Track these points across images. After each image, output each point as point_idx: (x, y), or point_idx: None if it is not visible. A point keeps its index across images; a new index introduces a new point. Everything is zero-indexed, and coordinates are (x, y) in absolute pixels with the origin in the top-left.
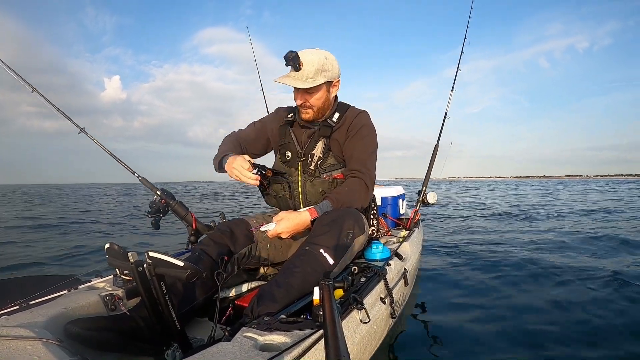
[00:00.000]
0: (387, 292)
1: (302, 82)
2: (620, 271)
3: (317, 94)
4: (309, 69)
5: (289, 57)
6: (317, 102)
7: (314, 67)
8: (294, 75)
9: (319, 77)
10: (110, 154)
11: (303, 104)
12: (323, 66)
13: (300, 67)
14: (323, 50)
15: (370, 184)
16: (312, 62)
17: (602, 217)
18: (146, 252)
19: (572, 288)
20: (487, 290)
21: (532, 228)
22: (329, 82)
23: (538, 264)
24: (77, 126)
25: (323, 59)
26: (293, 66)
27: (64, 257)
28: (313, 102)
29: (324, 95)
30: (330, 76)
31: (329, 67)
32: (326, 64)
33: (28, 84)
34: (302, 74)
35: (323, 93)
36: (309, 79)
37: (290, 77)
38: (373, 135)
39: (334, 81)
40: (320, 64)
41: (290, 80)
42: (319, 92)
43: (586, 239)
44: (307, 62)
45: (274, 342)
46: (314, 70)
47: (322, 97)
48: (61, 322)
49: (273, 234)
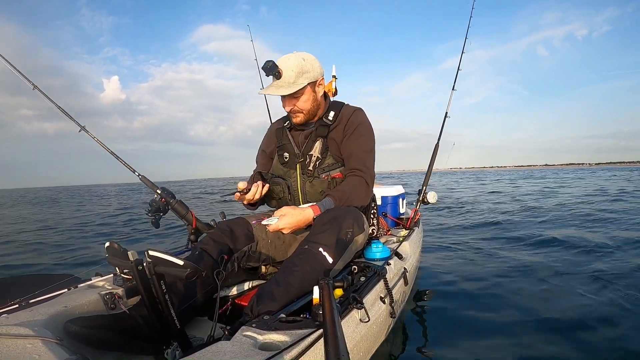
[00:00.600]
0: (386, 291)
1: (285, 88)
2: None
3: (303, 97)
4: (289, 75)
5: (267, 67)
6: (305, 104)
7: (294, 72)
8: (277, 84)
9: (300, 80)
10: (110, 152)
11: (292, 109)
12: (302, 68)
13: (281, 74)
14: (301, 53)
15: (371, 182)
16: (290, 67)
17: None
18: (146, 251)
19: (585, 290)
20: (487, 290)
21: (546, 225)
22: (312, 83)
23: (545, 264)
24: (78, 124)
25: (301, 61)
26: (274, 75)
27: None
28: (301, 106)
29: (310, 96)
30: (313, 76)
31: (309, 67)
32: (305, 65)
33: (29, 81)
34: (284, 80)
35: (309, 95)
36: (291, 84)
37: (273, 86)
38: (370, 133)
39: (318, 80)
40: (299, 67)
41: (273, 89)
42: (304, 94)
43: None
44: (286, 68)
45: (274, 341)
46: (294, 74)
47: (309, 98)
48: (61, 320)
49: (274, 228)
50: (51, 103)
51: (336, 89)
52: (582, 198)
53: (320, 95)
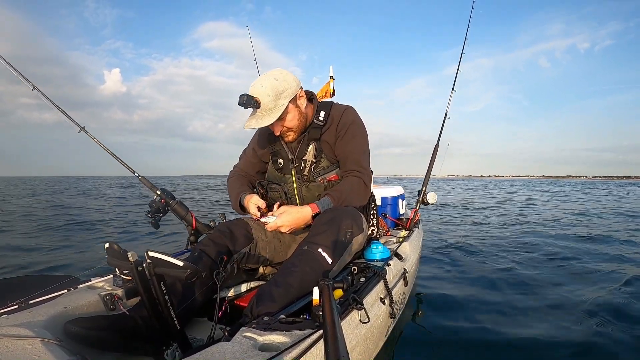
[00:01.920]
0: (386, 292)
1: (267, 117)
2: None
3: (289, 116)
4: (267, 101)
5: (244, 102)
6: (292, 122)
7: (271, 96)
8: (259, 113)
9: (280, 101)
10: (110, 153)
11: (282, 131)
12: (277, 89)
13: (259, 103)
14: (272, 72)
15: (369, 182)
16: (266, 92)
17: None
18: (146, 252)
19: (582, 289)
20: (488, 290)
21: (546, 229)
22: (293, 99)
23: (544, 265)
24: (77, 125)
25: (274, 82)
26: (252, 106)
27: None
28: (289, 125)
29: (295, 113)
30: (291, 93)
31: (285, 85)
32: (279, 85)
33: (29, 81)
34: (264, 108)
35: (293, 112)
36: (272, 109)
37: (255, 117)
38: (363, 132)
39: (297, 94)
40: (274, 90)
41: (256, 120)
42: (289, 113)
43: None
44: (262, 95)
45: (274, 342)
46: (272, 98)
47: (294, 116)
48: (61, 321)
49: (273, 226)
50: (51, 104)
51: (334, 90)
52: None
53: (304, 106)
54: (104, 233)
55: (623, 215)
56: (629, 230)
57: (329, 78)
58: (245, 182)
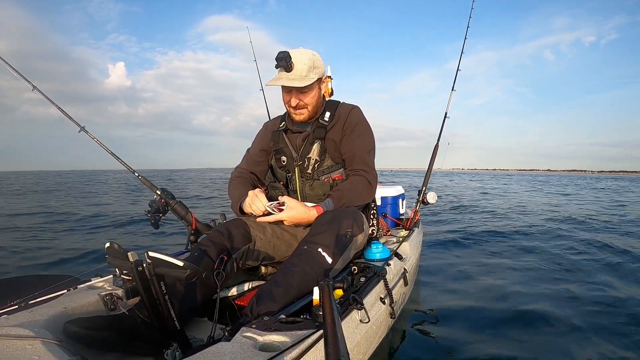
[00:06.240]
0: (386, 292)
1: (298, 81)
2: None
3: (312, 93)
4: (301, 68)
5: (281, 58)
6: (312, 100)
7: (306, 65)
8: (287, 76)
9: (311, 74)
10: (110, 153)
11: (298, 104)
12: (314, 63)
13: (292, 67)
14: (308, 49)
15: (373, 181)
16: (303, 60)
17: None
18: (146, 252)
19: (581, 288)
20: (488, 290)
21: (548, 227)
22: (319, 79)
23: (544, 264)
24: (78, 124)
25: (312, 55)
26: (284, 67)
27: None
28: (308, 102)
29: (317, 93)
30: (321, 72)
31: (319, 64)
32: (316, 60)
33: (29, 82)
34: (295, 73)
35: (316, 91)
36: (303, 77)
37: (282, 78)
38: (369, 132)
39: (323, 77)
40: (311, 61)
41: (284, 80)
42: (313, 90)
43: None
44: (299, 61)
45: (274, 342)
46: (306, 68)
47: (315, 95)
48: (61, 321)
49: (276, 218)
50: (52, 104)
51: (332, 90)
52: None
53: (323, 93)
54: (104, 233)
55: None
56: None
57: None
58: (248, 184)
